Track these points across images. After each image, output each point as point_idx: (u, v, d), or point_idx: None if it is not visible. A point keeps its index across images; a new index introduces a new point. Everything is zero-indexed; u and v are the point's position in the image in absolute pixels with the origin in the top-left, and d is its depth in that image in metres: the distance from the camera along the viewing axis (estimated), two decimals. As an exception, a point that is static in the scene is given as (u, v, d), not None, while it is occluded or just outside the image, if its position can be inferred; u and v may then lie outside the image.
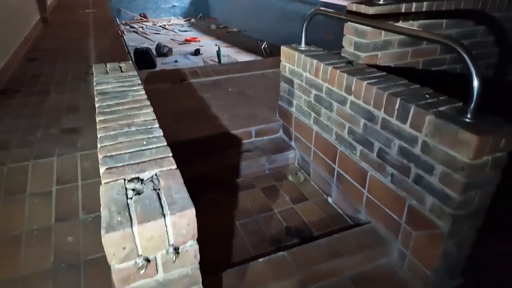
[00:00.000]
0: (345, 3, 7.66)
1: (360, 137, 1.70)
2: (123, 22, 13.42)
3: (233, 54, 9.63)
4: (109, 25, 5.65)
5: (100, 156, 1.05)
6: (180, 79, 3.35)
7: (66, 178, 1.91)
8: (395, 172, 1.54)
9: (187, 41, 11.13)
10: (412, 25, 1.92)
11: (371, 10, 1.77)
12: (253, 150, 2.35)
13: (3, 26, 3.73)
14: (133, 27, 12.86)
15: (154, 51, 9.38)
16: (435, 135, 1.30)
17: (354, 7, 1.88)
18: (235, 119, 2.51)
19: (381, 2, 1.88)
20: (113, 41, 4.72)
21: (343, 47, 2.06)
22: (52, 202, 1.77)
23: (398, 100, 1.43)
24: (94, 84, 1.63)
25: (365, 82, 1.61)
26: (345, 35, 2.01)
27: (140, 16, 13.99)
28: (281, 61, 2.36)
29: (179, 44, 10.85)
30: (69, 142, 2.17)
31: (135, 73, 1.79)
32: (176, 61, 8.96)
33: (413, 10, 1.85)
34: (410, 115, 1.39)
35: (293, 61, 2.20)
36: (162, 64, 8.70)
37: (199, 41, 11.22)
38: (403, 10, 1.84)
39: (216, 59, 7.79)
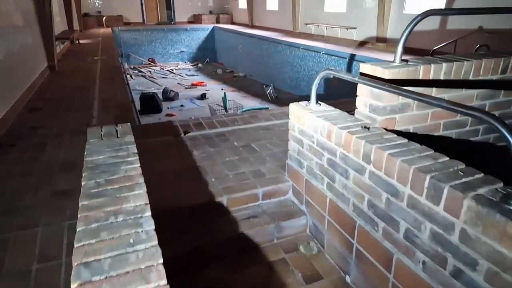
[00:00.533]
0: (348, 50, 7.83)
1: (383, 213, 1.50)
2: (132, 66, 13.82)
3: (238, 99, 9.70)
4: (116, 72, 5.71)
5: (74, 263, 0.85)
6: (184, 131, 3.23)
7: (50, 253, 1.70)
8: (428, 260, 1.31)
9: (193, 85, 11.32)
10: (431, 91, 1.79)
11: (386, 74, 1.64)
12: (260, 216, 2.14)
13: (8, 75, 3.72)
14: (141, 72, 13.20)
15: (160, 96, 9.50)
16: (477, 224, 1.09)
17: (369, 69, 1.76)
18: (241, 179, 2.33)
19: (396, 63, 1.76)
20: (117, 89, 4.71)
21: (357, 108, 1.92)
22: (30, 285, 1.54)
23: (428, 178, 1.25)
24: (85, 153, 1.48)
25: (386, 152, 1.43)
26: (358, 95, 1.88)
27: (149, 61, 14.43)
28: (289, 119, 2.22)
29: (186, 88, 11.02)
30: (58, 209, 1.98)
31: (132, 137, 1.64)
32: (182, 105, 9.01)
33: (431, 72, 1.73)
34: (444, 197, 1.19)
35: (303, 122, 2.06)
36: (168, 108, 8.74)
37: (205, 85, 11.41)
38: (421, 72, 1.71)
39: (222, 104, 7.79)
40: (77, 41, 9.26)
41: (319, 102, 2.13)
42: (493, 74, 1.90)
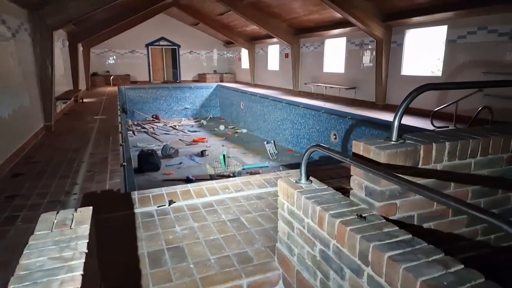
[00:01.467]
0: (347, 110, 7.83)
1: (387, 332, 1.19)
2: (136, 122, 14.01)
3: (239, 155, 9.58)
4: (113, 132, 5.64)
5: None
6: (169, 200, 2.99)
7: None
8: None
9: (194, 141, 11.31)
10: (435, 167, 1.57)
11: (382, 156, 1.44)
12: (243, 314, 1.81)
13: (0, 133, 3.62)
14: (144, 128, 13.33)
15: (160, 152, 9.42)
16: None
17: (362, 149, 1.56)
18: (224, 265, 2.03)
19: (393, 141, 1.57)
20: (110, 150, 4.57)
21: (352, 189, 1.69)
22: None
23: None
24: (23, 253, 1.23)
25: (386, 255, 1.17)
26: (352, 175, 1.66)
27: (153, 117, 14.67)
28: (278, 196, 1.98)
29: (187, 145, 10.99)
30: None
31: (87, 229, 1.40)
32: (181, 163, 8.87)
33: (433, 152, 1.53)
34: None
35: (292, 201, 1.82)
36: (166, 166, 8.59)
37: (206, 141, 11.39)
38: (422, 153, 1.51)
39: (220, 163, 7.62)
40: (81, 100, 9.47)
41: (310, 178, 1.91)
42: (504, 152, 1.69)
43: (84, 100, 9.73)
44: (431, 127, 5.67)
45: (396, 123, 1.57)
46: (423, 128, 5.81)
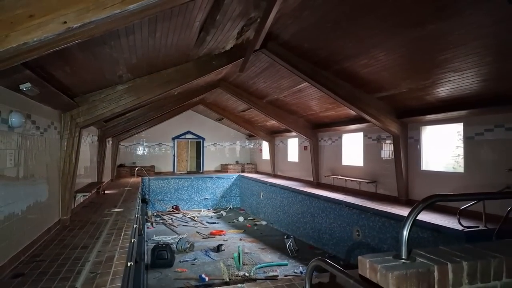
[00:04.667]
0: (369, 204, 7.47)
1: None
2: (155, 213, 14.02)
3: (257, 251, 9.08)
4: (126, 226, 5.57)
5: None
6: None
7: None
8: None
9: (212, 234, 10.97)
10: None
11: (390, 281, 1.26)
12: None
13: (4, 237, 3.62)
14: (163, 219, 13.24)
15: (175, 247, 9.11)
16: None
17: (367, 267, 1.39)
18: None
19: (403, 259, 1.40)
20: (119, 248, 4.44)
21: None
22: None
23: None
24: None
25: None
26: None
27: (172, 208, 14.69)
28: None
29: (203, 238, 10.65)
30: None
31: None
32: (195, 259, 8.47)
33: (450, 275, 1.33)
34: None
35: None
36: (180, 262, 8.21)
37: (224, 234, 11.03)
38: (436, 275, 1.31)
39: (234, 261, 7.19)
40: (103, 192, 9.73)
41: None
42: (537, 274, 1.45)
43: (106, 192, 9.99)
44: (459, 227, 5.26)
45: (404, 236, 1.42)
46: (451, 227, 5.39)
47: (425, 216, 6.18)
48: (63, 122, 5.60)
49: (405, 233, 1.43)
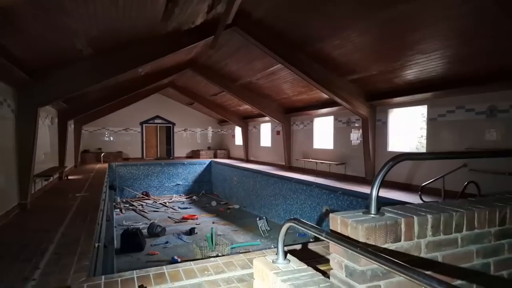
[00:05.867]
0: (338, 184, 7.72)
1: None
2: (124, 200, 13.66)
3: (230, 233, 9.13)
4: (91, 211, 5.37)
5: None
6: (139, 286, 2.66)
7: None
8: None
9: (184, 219, 10.88)
10: (419, 244, 1.40)
11: (360, 231, 1.29)
12: None
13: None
14: (132, 205, 12.94)
15: (146, 231, 8.95)
16: None
17: (339, 223, 1.41)
18: None
19: (372, 215, 1.43)
20: (85, 231, 4.27)
21: (332, 269, 1.49)
22: None
23: None
24: None
25: None
26: (331, 253, 1.48)
27: (142, 194, 14.38)
28: (253, 278, 1.75)
29: (175, 222, 10.54)
30: None
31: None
32: (167, 242, 8.37)
33: (415, 226, 1.38)
34: None
35: (267, 284, 1.59)
36: (151, 246, 8.09)
37: (197, 218, 10.97)
38: (403, 227, 1.36)
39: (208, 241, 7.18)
40: (66, 177, 9.31)
41: (288, 257, 1.71)
42: (491, 226, 1.55)
43: (70, 177, 9.57)
44: (420, 202, 5.53)
45: (374, 194, 1.45)
46: (413, 202, 5.67)
47: (390, 194, 6.45)
48: (17, 100, 5.22)
49: (375, 190, 1.46)
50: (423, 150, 6.98)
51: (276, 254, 1.70)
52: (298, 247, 3.55)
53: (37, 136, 5.79)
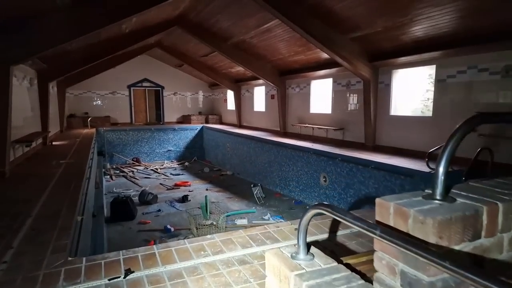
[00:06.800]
0: (336, 151, 7.36)
1: None
2: (114, 166, 13.25)
3: (224, 201, 8.89)
4: (76, 179, 4.95)
5: None
6: (126, 270, 2.32)
7: None
8: None
9: (177, 185, 10.59)
10: (501, 241, 1.03)
11: (431, 228, 0.88)
12: None
13: None
14: (123, 172, 12.56)
15: (137, 199, 8.65)
16: None
17: (392, 212, 1.01)
18: None
19: (437, 200, 1.04)
20: (67, 202, 3.88)
21: (376, 271, 1.12)
22: None
23: None
24: None
25: None
26: (377, 250, 1.11)
27: (133, 160, 13.96)
28: (266, 276, 1.39)
29: (168, 189, 10.25)
30: None
31: None
32: (159, 210, 8.10)
33: (500, 216, 1.01)
34: None
35: (285, 284, 1.23)
36: (143, 214, 7.80)
37: (189, 185, 10.69)
38: (485, 219, 0.98)
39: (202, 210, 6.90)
40: (50, 143, 8.77)
41: (311, 251, 1.34)
42: None
43: (54, 143, 9.03)
44: (427, 169, 5.26)
45: (441, 171, 1.05)
46: (419, 170, 5.39)
47: (393, 161, 6.17)
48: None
49: (442, 166, 1.05)
50: (429, 113, 6.60)
51: (296, 246, 1.32)
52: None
53: (11, 97, 5.24)
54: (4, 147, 4.95)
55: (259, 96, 13.28)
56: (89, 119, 13.84)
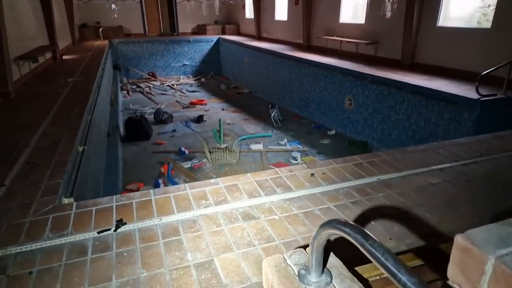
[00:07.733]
0: (366, 70, 6.50)
1: None
2: (131, 81, 12.92)
3: (239, 122, 8.57)
4: (81, 101, 4.64)
5: None
6: (117, 222, 2.08)
7: None
8: None
9: (192, 104, 10.26)
10: None
11: None
12: None
13: None
14: (139, 87, 12.26)
15: (153, 117, 8.47)
16: None
17: (488, 280, 0.56)
18: None
19: None
20: (68, 130, 3.61)
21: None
22: None
23: None
24: None
25: None
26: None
27: (149, 75, 13.51)
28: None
29: (184, 108, 9.96)
30: None
31: None
32: (174, 130, 7.93)
33: None
34: None
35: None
36: (158, 134, 7.67)
37: (205, 104, 10.34)
38: None
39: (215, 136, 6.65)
40: (60, 58, 8.31)
41: (329, 266, 0.94)
42: None
43: (65, 57, 8.59)
44: (475, 95, 4.53)
45: None
46: (464, 96, 4.67)
47: (433, 83, 5.40)
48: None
49: None
50: (487, 24, 5.49)
51: (306, 265, 0.92)
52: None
53: (1, 8, 4.66)
54: (3, 65, 4.56)
55: (281, 2, 11.79)
56: (100, 30, 13.04)
